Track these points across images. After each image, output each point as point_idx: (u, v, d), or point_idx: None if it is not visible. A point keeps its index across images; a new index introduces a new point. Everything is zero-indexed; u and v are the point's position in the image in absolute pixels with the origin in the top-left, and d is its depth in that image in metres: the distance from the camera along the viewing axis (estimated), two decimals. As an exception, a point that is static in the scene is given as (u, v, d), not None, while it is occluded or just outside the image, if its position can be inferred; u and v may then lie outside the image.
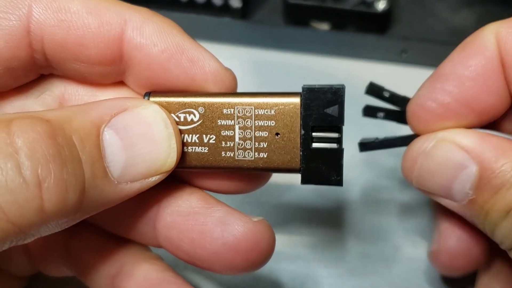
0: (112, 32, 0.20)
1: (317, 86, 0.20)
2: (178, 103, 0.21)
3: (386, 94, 0.25)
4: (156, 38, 0.20)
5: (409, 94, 0.25)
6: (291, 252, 0.30)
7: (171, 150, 0.20)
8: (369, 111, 0.25)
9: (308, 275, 0.30)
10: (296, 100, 0.21)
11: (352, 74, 0.37)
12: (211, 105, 0.21)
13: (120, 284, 0.23)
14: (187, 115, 0.21)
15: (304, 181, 0.21)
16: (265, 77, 0.37)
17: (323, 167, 0.20)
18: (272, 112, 0.21)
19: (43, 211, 0.16)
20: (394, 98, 0.25)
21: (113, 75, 0.21)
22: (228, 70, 0.21)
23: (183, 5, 0.38)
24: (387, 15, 0.36)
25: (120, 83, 0.22)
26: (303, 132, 0.20)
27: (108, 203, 0.19)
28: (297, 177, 0.21)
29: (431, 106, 0.22)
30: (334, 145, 0.20)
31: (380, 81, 0.26)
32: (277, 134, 0.21)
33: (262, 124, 0.21)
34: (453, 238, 0.25)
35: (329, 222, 0.31)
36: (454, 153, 0.22)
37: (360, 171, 0.33)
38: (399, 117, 0.25)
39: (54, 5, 0.20)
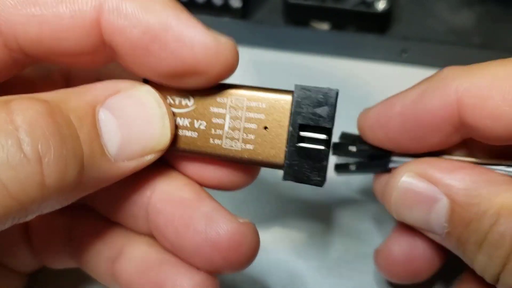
0: (87, 19, 0.18)
1: (311, 86, 0.20)
2: (175, 87, 0.21)
3: (353, 149, 0.25)
4: (135, 19, 0.18)
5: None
6: (284, 246, 0.30)
7: (165, 129, 0.20)
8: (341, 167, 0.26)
9: (301, 270, 0.30)
10: (288, 97, 0.21)
11: (352, 74, 0.37)
12: (205, 91, 0.21)
13: (119, 267, 0.23)
14: (182, 99, 0.21)
15: (285, 177, 0.21)
16: (265, 77, 0.37)
17: (306, 166, 0.20)
18: (264, 105, 0.21)
19: (44, 186, 0.16)
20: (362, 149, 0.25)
21: (102, 59, 0.20)
22: (223, 42, 0.19)
23: (183, 5, 0.37)
24: (387, 15, 0.36)
25: None
26: (291, 129, 0.20)
27: (106, 180, 0.19)
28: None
29: (378, 131, 0.23)
30: (321, 146, 0.20)
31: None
32: (265, 128, 0.21)
33: (253, 116, 0.21)
34: (397, 246, 0.25)
35: (324, 218, 0.32)
36: (424, 186, 0.22)
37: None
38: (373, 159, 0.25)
39: None
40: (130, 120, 0.19)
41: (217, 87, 0.21)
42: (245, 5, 0.38)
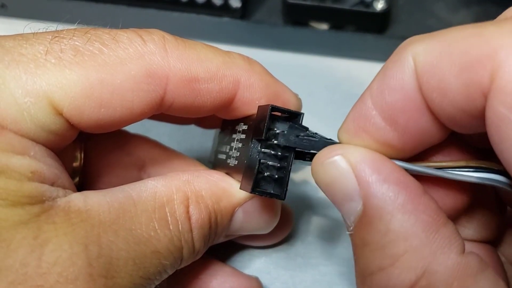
0: (227, 95, 0.24)
1: (264, 105, 0.22)
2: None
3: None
4: (260, 93, 0.24)
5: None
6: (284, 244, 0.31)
7: (271, 228, 0.26)
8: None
9: (300, 267, 0.30)
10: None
11: (351, 73, 0.38)
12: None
13: None
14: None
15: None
16: (265, 76, 0.38)
17: (248, 176, 0.22)
18: (246, 127, 0.24)
19: (195, 258, 0.24)
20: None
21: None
22: (298, 97, 0.26)
23: (183, 5, 0.38)
24: (385, 15, 0.37)
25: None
26: (251, 144, 0.22)
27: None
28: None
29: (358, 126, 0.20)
30: (255, 156, 0.21)
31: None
32: (243, 145, 0.23)
33: (242, 137, 0.24)
34: None
35: (330, 215, 0.32)
36: (347, 181, 0.19)
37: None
38: None
39: (188, 77, 0.23)
40: (251, 219, 0.25)
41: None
42: (245, 5, 0.38)
